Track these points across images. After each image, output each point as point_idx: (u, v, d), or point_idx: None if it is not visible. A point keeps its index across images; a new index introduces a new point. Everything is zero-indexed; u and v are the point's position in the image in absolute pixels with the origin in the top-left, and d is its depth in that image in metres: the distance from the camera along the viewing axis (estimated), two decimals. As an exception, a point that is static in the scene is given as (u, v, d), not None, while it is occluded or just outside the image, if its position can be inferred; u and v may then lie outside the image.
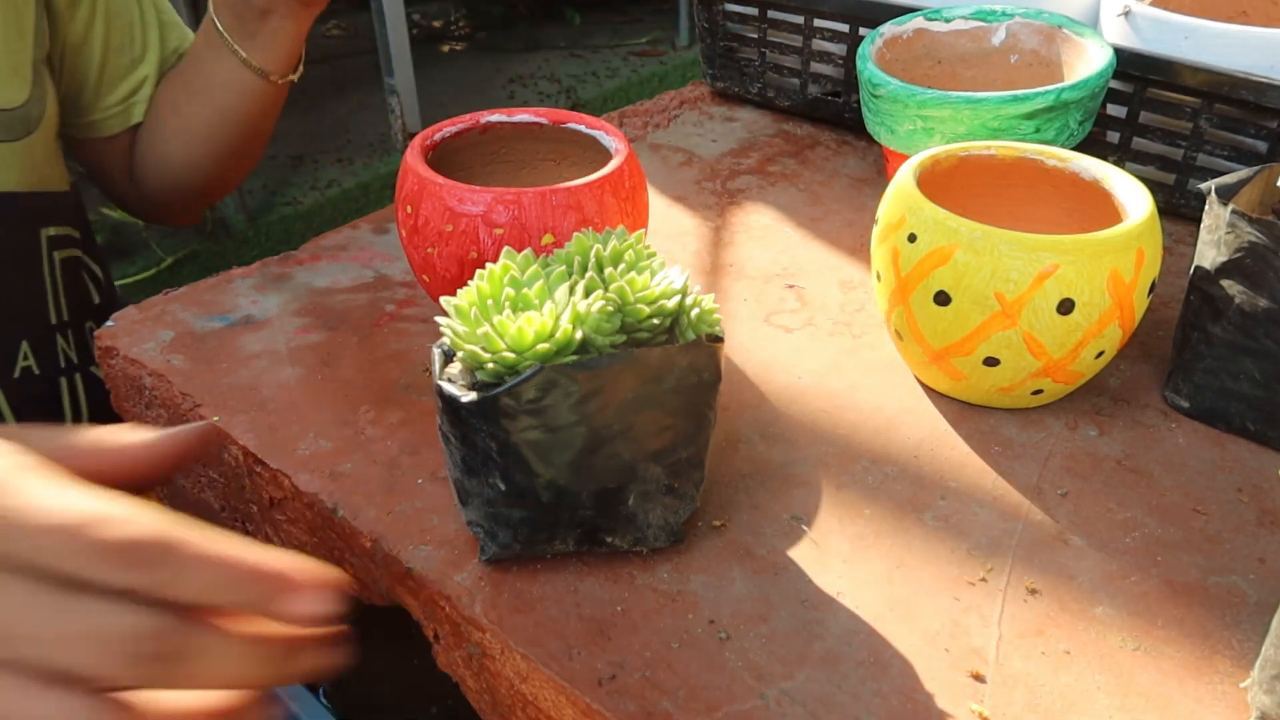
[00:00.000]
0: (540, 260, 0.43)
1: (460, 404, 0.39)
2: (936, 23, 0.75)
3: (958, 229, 0.47)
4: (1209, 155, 0.70)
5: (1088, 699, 0.38)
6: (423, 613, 0.45)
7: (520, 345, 0.38)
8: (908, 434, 0.52)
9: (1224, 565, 0.44)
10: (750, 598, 0.42)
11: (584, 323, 0.39)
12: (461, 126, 0.58)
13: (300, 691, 0.50)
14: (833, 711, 0.37)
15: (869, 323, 0.62)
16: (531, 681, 0.40)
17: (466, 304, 0.41)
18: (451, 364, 0.42)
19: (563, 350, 0.38)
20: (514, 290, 0.41)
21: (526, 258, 0.43)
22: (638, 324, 0.40)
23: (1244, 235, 0.49)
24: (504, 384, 0.38)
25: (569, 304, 0.39)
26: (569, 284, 0.41)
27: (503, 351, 0.38)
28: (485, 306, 0.41)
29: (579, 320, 0.39)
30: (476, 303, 0.41)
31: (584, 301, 0.39)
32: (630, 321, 0.40)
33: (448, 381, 0.40)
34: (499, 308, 0.40)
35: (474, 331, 0.39)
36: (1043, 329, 0.47)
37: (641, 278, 0.41)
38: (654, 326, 0.41)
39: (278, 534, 0.53)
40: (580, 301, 0.39)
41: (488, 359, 0.38)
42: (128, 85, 0.72)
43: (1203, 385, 0.52)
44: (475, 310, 0.40)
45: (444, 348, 0.42)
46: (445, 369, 0.41)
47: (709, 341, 0.40)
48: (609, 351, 0.39)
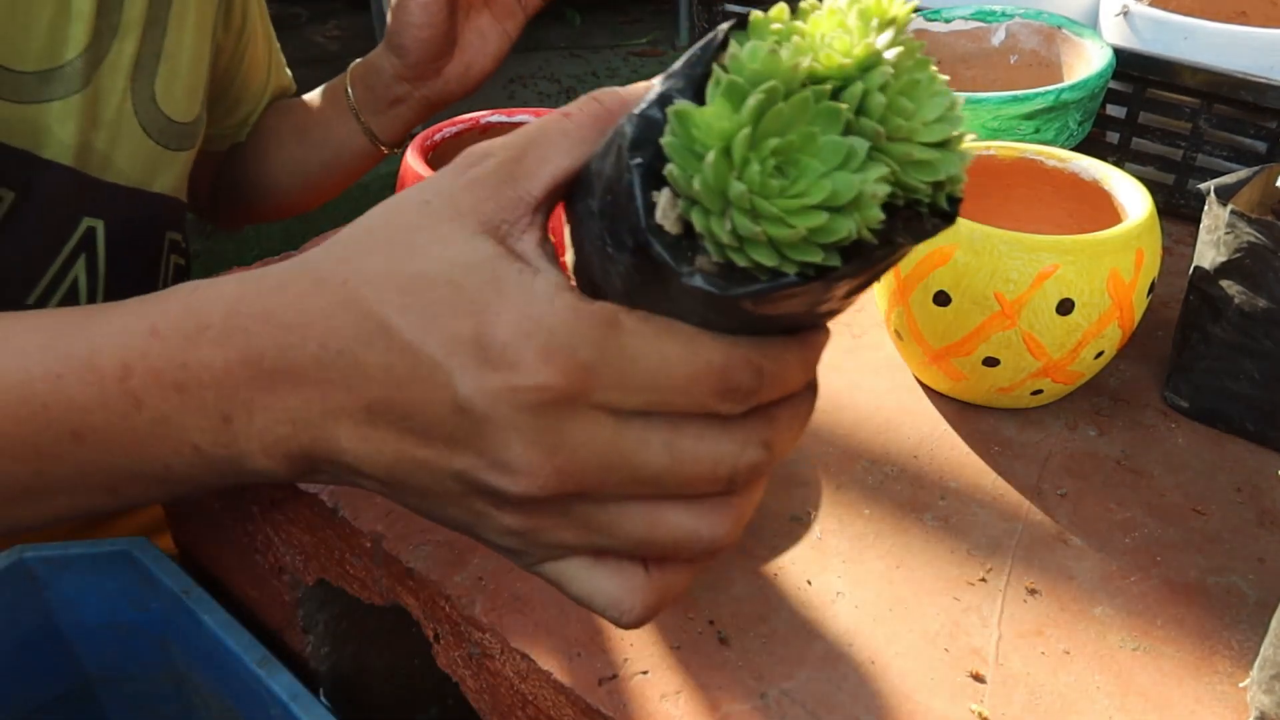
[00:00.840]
0: None
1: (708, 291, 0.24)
2: (936, 23, 0.75)
3: (957, 229, 0.47)
4: (1208, 155, 0.70)
5: (1087, 699, 0.38)
6: (423, 613, 0.45)
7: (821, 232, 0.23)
8: (908, 434, 0.52)
9: (1223, 565, 0.44)
10: (750, 598, 0.42)
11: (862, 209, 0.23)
12: (461, 126, 0.58)
13: (300, 691, 0.50)
14: (833, 711, 0.37)
15: (869, 323, 0.62)
16: (531, 681, 0.40)
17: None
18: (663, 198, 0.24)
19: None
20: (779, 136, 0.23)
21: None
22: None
23: (1243, 235, 0.49)
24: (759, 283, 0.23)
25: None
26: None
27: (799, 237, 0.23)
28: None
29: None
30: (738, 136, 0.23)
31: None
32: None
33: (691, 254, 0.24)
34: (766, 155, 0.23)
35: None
36: (1042, 329, 0.47)
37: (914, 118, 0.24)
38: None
39: (278, 534, 0.53)
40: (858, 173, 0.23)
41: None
42: (245, 110, 0.80)
43: (1202, 385, 0.52)
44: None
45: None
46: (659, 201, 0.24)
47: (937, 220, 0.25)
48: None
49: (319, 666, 0.58)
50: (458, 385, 0.25)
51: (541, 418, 0.25)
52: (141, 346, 0.29)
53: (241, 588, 0.60)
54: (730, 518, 0.28)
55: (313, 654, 0.58)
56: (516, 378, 0.25)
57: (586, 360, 0.25)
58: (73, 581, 0.56)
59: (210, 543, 0.61)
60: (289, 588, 0.55)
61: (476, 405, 0.25)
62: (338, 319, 0.27)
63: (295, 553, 0.52)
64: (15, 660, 0.56)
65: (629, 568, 0.29)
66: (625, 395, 0.26)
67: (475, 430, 0.26)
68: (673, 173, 0.23)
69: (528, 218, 0.28)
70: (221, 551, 0.60)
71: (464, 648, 0.43)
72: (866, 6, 0.24)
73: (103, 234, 0.63)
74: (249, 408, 0.28)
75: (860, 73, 0.24)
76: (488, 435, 0.26)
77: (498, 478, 0.26)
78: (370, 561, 0.46)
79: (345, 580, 0.49)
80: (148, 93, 0.64)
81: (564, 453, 0.26)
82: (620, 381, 0.25)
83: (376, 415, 0.27)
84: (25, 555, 0.54)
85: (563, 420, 0.25)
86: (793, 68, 0.23)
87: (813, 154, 0.23)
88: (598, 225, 0.26)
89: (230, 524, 0.57)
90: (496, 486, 0.26)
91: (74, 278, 0.62)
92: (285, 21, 0.96)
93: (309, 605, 0.56)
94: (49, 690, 0.59)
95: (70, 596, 0.57)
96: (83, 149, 0.60)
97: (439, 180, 0.28)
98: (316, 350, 0.27)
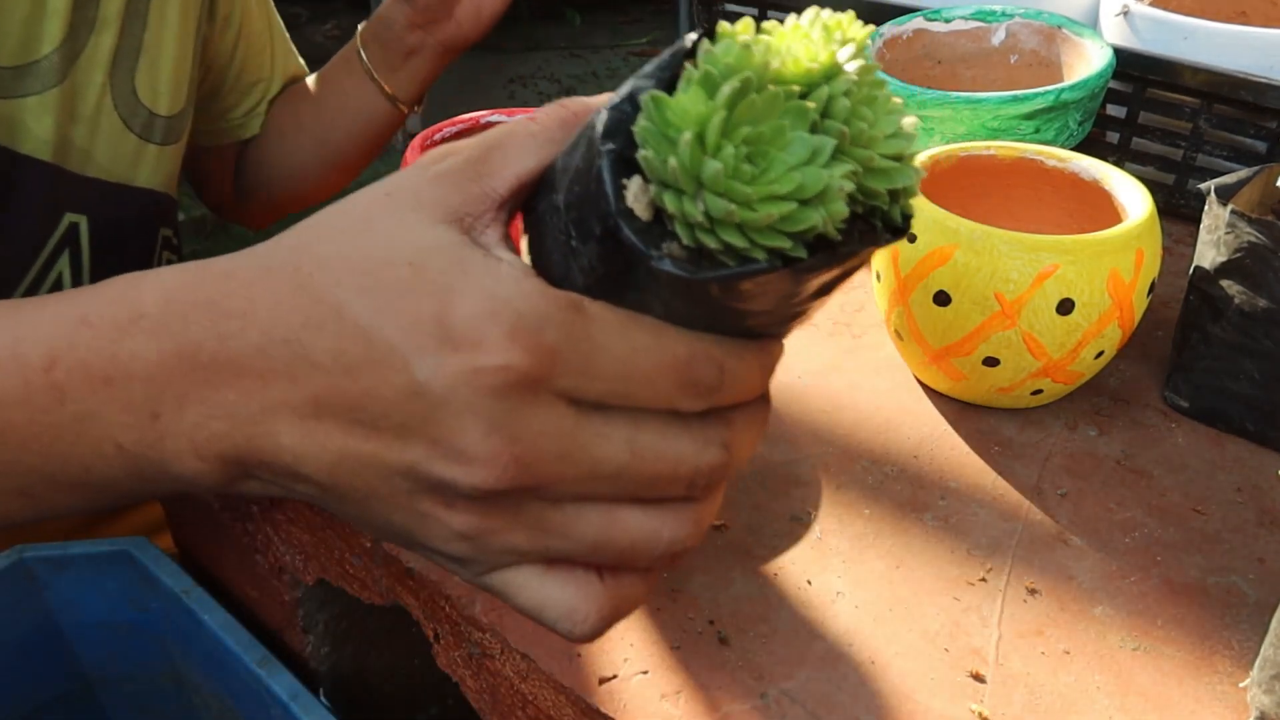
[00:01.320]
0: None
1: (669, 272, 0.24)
2: (936, 23, 0.75)
3: (957, 229, 0.47)
4: (1208, 155, 0.70)
5: (1087, 699, 0.38)
6: (423, 613, 0.45)
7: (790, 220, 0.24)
8: (908, 434, 0.52)
9: (1223, 565, 0.44)
10: (750, 598, 0.42)
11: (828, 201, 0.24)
12: (461, 127, 0.58)
13: (300, 691, 0.50)
14: (833, 711, 0.37)
15: (869, 323, 0.62)
16: (531, 681, 0.40)
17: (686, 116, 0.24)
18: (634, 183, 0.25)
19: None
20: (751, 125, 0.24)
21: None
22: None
23: (1243, 235, 0.49)
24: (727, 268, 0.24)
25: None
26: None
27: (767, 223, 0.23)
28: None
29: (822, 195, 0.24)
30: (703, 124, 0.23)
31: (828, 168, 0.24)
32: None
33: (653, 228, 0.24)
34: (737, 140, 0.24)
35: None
36: (1042, 329, 0.47)
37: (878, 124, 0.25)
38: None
39: (278, 534, 0.53)
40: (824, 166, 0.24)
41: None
42: (250, 101, 0.78)
43: (1202, 385, 0.52)
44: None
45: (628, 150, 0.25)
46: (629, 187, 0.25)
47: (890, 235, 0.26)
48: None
49: (319, 666, 0.59)
50: (415, 368, 0.24)
51: (503, 401, 0.24)
52: (70, 336, 0.27)
53: (241, 588, 0.60)
54: (690, 520, 0.27)
55: (313, 654, 0.58)
56: (480, 358, 0.24)
57: (552, 343, 0.24)
58: (73, 581, 0.56)
59: (210, 543, 0.61)
60: (289, 587, 0.55)
61: (434, 388, 0.24)
62: (285, 305, 0.25)
63: (295, 552, 0.52)
64: (15, 660, 0.56)
65: (583, 576, 0.28)
66: (589, 383, 0.25)
67: (430, 416, 0.25)
68: (646, 157, 0.24)
69: (491, 213, 0.27)
70: (221, 551, 0.60)
71: (464, 648, 0.43)
72: (829, 24, 0.25)
73: (86, 230, 0.62)
74: (181, 402, 0.26)
75: (824, 80, 0.24)
76: (443, 421, 0.24)
77: (451, 468, 0.25)
78: (370, 561, 0.46)
79: (345, 580, 0.49)
80: (128, 86, 0.63)
81: (524, 442, 0.25)
82: (585, 368, 0.25)
83: (322, 407, 0.25)
84: (25, 555, 0.54)
85: (524, 406, 0.24)
86: (764, 64, 0.24)
87: (782, 147, 0.23)
88: (562, 219, 0.26)
89: (230, 524, 0.57)
90: (449, 479, 0.25)
91: (58, 274, 0.62)
92: (285, 21, 0.97)
93: (309, 605, 0.56)
94: (49, 690, 0.59)
95: (70, 596, 0.57)
96: (61, 144, 0.59)
97: (401, 175, 0.28)
98: (259, 339, 0.25)
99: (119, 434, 0.27)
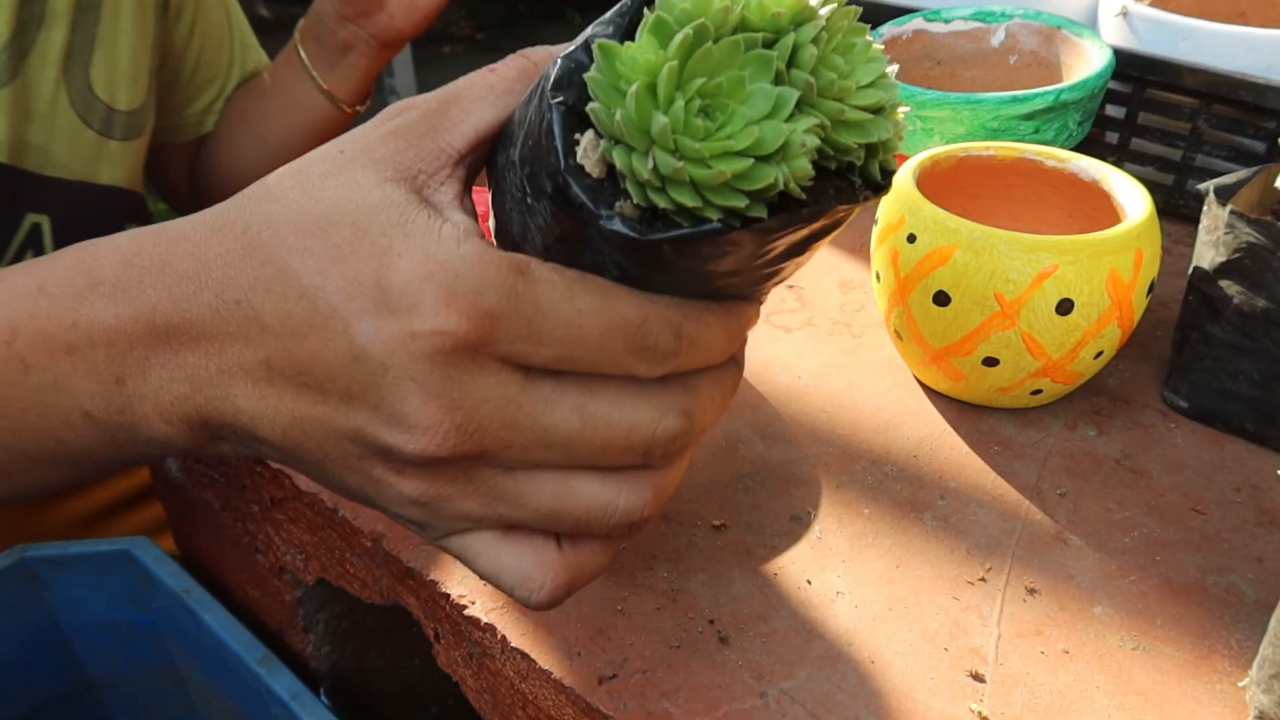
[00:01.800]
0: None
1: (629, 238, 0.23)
2: (936, 23, 0.75)
3: (957, 229, 0.47)
4: (1207, 156, 0.71)
5: (1086, 698, 0.38)
6: (423, 612, 0.45)
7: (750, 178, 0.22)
8: (907, 434, 0.52)
9: (1222, 565, 0.44)
10: (750, 598, 0.42)
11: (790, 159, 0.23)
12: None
13: (301, 690, 0.50)
14: (833, 711, 0.37)
15: (869, 323, 0.62)
16: (531, 681, 0.40)
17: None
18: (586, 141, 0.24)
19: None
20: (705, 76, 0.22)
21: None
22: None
23: (1242, 236, 0.49)
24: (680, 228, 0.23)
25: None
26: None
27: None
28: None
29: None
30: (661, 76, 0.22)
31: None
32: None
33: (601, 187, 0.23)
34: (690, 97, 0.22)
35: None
36: (1042, 329, 0.47)
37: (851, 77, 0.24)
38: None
39: (278, 533, 0.53)
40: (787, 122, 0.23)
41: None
42: (207, 97, 0.77)
43: (1201, 385, 0.52)
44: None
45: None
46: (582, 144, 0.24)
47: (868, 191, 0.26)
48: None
49: (319, 666, 0.59)
50: (355, 332, 0.24)
51: (441, 367, 0.24)
52: (29, 306, 0.27)
53: (242, 587, 0.60)
54: (648, 488, 0.27)
55: (313, 653, 0.58)
56: (415, 322, 0.23)
57: (492, 307, 0.24)
58: (73, 581, 0.56)
59: (210, 542, 0.61)
60: (289, 587, 0.55)
61: (373, 353, 0.24)
62: (236, 266, 0.25)
63: (295, 552, 0.52)
64: (16, 660, 0.57)
65: (540, 543, 0.27)
66: (534, 348, 0.24)
67: (371, 382, 0.24)
68: (595, 109, 0.22)
69: (447, 169, 0.26)
70: (222, 551, 0.60)
71: (464, 647, 0.43)
72: None
73: (49, 230, 0.61)
74: (143, 366, 0.26)
75: (793, 25, 0.23)
76: (384, 388, 0.24)
77: (393, 434, 0.24)
78: (370, 561, 0.46)
79: (345, 579, 0.50)
80: (83, 82, 0.61)
81: (464, 408, 0.24)
82: (529, 333, 0.24)
83: (274, 370, 0.25)
84: (26, 555, 0.54)
85: (464, 372, 0.24)
86: (723, 10, 0.22)
87: (741, 99, 0.22)
88: (518, 175, 0.25)
89: (230, 524, 0.57)
90: (392, 445, 0.25)
91: None
92: (283, 21, 0.95)
93: (309, 604, 0.56)
94: (49, 690, 0.59)
95: (71, 596, 0.57)
96: (17, 144, 0.58)
97: (357, 132, 0.27)
98: (213, 300, 0.25)
99: (86, 402, 0.27)
